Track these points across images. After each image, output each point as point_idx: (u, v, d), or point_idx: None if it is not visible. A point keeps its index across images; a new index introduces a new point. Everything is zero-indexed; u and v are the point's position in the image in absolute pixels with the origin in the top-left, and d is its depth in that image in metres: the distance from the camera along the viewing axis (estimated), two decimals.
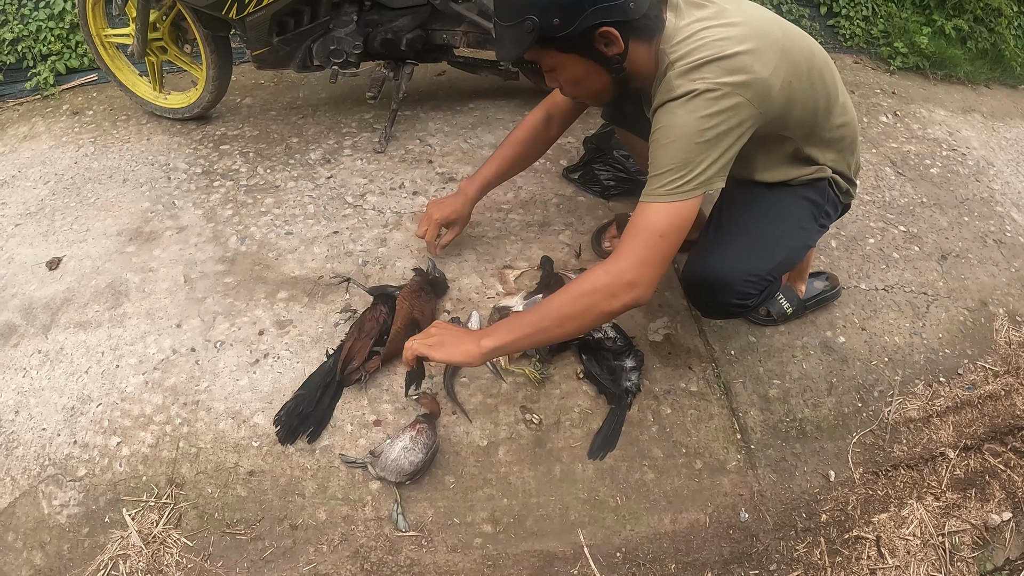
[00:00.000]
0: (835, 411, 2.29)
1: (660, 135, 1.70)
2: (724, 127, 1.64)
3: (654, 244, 1.70)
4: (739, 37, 1.65)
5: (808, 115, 1.84)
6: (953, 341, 2.55)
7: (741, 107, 1.64)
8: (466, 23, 2.90)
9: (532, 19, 1.64)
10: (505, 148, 2.37)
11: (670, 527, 2.01)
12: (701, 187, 1.68)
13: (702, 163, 1.66)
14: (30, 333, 2.35)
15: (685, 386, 2.26)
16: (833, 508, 2.12)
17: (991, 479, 2.26)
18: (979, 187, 3.28)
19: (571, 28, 1.64)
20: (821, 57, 1.85)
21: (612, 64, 1.74)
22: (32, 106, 3.55)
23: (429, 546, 1.92)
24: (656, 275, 1.73)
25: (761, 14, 1.80)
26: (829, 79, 1.87)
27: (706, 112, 1.63)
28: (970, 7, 4.50)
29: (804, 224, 2.03)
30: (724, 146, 1.66)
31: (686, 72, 1.65)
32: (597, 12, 1.62)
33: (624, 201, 2.84)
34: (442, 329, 1.89)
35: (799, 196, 2.01)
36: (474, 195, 2.41)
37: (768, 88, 1.66)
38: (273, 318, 2.36)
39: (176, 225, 2.72)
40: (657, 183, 1.70)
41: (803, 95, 1.78)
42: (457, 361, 1.84)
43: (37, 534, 1.93)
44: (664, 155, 1.69)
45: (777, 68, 1.67)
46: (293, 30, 2.78)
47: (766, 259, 1.96)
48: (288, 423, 2.09)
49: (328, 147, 3.12)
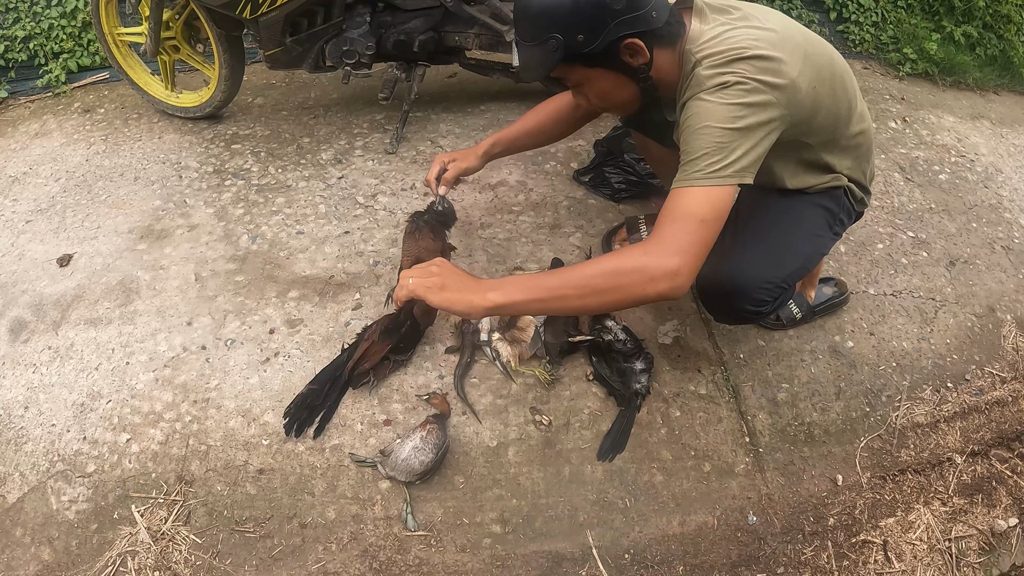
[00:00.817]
0: (843, 415, 2.29)
1: (692, 121, 1.64)
2: (755, 119, 1.61)
3: (696, 230, 1.59)
4: (766, 39, 1.65)
5: (830, 121, 1.84)
6: (961, 347, 2.55)
7: (771, 105, 1.62)
8: (478, 25, 2.90)
9: (556, 37, 1.65)
10: (529, 116, 2.34)
11: (678, 529, 2.01)
12: (737, 176, 1.61)
13: (737, 149, 1.59)
14: (40, 329, 2.36)
15: (694, 389, 2.26)
16: (841, 512, 2.12)
17: (998, 485, 2.26)
18: (987, 193, 3.28)
19: (596, 43, 1.64)
20: (841, 64, 1.85)
21: (639, 74, 1.75)
22: (44, 103, 3.56)
23: (438, 546, 1.92)
24: (698, 265, 1.61)
25: (784, 20, 1.79)
26: (850, 86, 1.87)
27: (738, 101, 1.60)
28: (979, 14, 4.50)
29: (819, 232, 2.03)
30: (756, 138, 1.61)
31: (716, 66, 1.63)
32: (620, 25, 1.63)
33: (634, 204, 2.85)
34: (444, 269, 1.75)
35: (815, 204, 2.01)
36: (486, 147, 2.34)
37: (796, 90, 1.65)
38: (284, 317, 2.36)
39: (187, 223, 2.73)
40: (693, 168, 1.61)
41: (827, 100, 1.77)
42: (456, 311, 1.70)
43: (45, 529, 1.94)
44: (697, 140, 1.62)
45: (803, 71, 1.66)
46: (306, 30, 2.79)
47: (782, 266, 1.96)
48: (297, 415, 2.11)
49: (340, 147, 3.13)
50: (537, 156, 3.07)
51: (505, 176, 2.96)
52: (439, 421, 2.00)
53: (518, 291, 1.67)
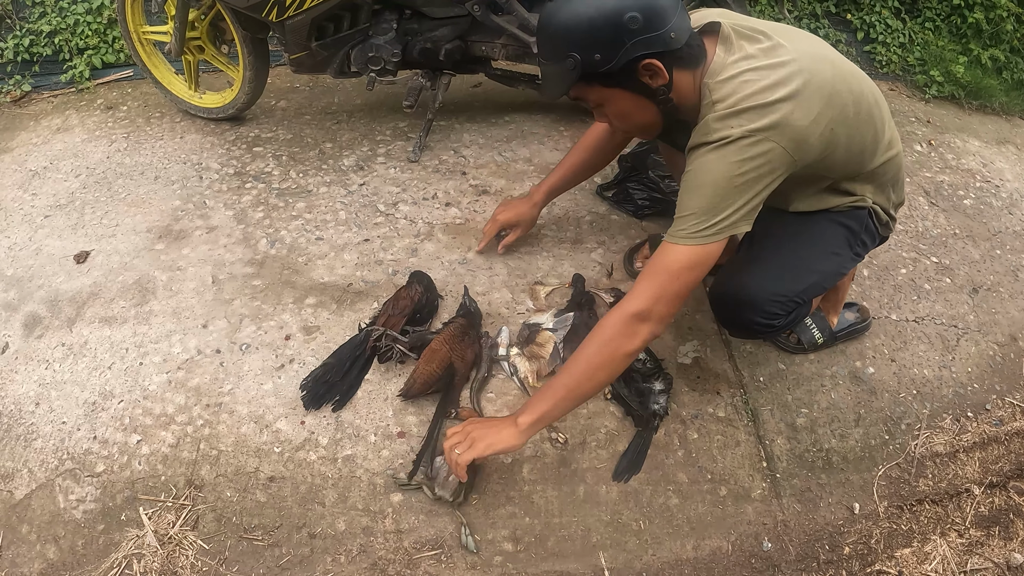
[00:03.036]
0: (862, 442, 2.25)
1: (689, 178, 1.71)
2: (755, 174, 1.64)
3: (668, 283, 1.72)
4: (785, 80, 1.63)
5: (851, 157, 1.82)
6: (982, 376, 2.51)
7: (774, 153, 1.63)
8: (506, 36, 2.89)
9: (574, 57, 1.65)
10: (572, 155, 2.43)
11: (692, 553, 1.99)
12: (724, 232, 1.68)
13: (727, 209, 1.66)
14: (55, 325, 2.36)
15: (713, 411, 2.23)
16: (856, 541, 2.09)
17: (1015, 517, 2.22)
18: (1012, 220, 3.24)
19: (613, 63, 1.64)
20: (870, 96, 1.82)
21: (658, 96, 1.73)
22: (66, 99, 3.57)
23: (448, 562, 1.90)
24: (669, 311, 1.75)
25: (815, 50, 1.76)
26: (878, 118, 1.84)
27: (737, 159, 1.62)
28: (1007, 37, 4.47)
29: (838, 250, 2.01)
30: (752, 192, 1.66)
31: (724, 117, 1.64)
32: (637, 45, 1.61)
33: (658, 221, 2.82)
34: (470, 425, 1.85)
35: (835, 221, 1.99)
36: (540, 199, 2.50)
37: (805, 137, 1.65)
38: (300, 323, 2.35)
39: (206, 225, 2.72)
40: (680, 225, 1.71)
41: (846, 139, 1.76)
42: (501, 449, 1.80)
43: (52, 528, 1.93)
44: (691, 199, 1.70)
45: (820, 115, 1.65)
46: (332, 35, 2.78)
47: (796, 281, 1.95)
48: (315, 390, 2.12)
49: (362, 154, 3.12)
50: None
51: (527, 188, 2.93)
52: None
53: (541, 404, 1.79)
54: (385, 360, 2.20)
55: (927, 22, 4.46)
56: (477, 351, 2.23)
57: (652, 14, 1.60)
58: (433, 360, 2.13)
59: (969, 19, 4.40)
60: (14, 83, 3.62)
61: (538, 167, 3.07)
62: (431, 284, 2.41)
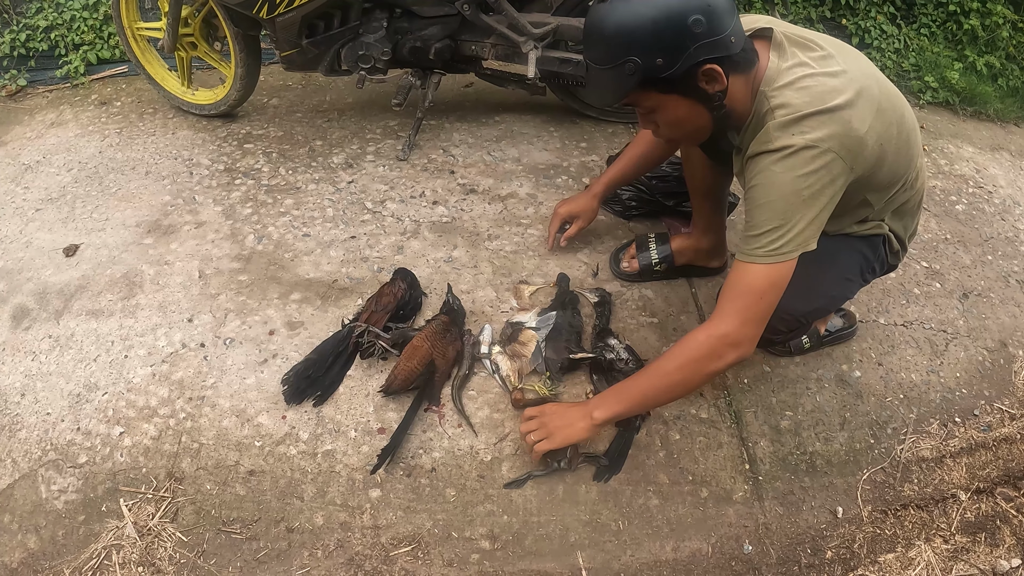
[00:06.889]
0: (847, 446, 2.25)
1: (756, 193, 1.68)
2: (819, 185, 1.61)
3: (754, 304, 1.71)
4: (841, 88, 1.61)
5: (890, 178, 1.81)
6: (971, 381, 2.50)
7: (835, 164, 1.60)
8: (496, 35, 2.89)
9: (634, 61, 1.57)
10: (632, 147, 2.40)
11: (671, 555, 1.98)
12: (799, 248, 1.67)
13: (799, 223, 1.64)
14: (42, 317, 2.37)
15: (695, 412, 2.22)
16: (839, 545, 2.08)
17: (1002, 524, 2.21)
18: (1004, 226, 3.23)
19: (675, 68, 1.57)
20: (911, 121, 1.81)
21: (713, 102, 1.68)
22: (61, 94, 3.59)
23: (425, 558, 1.90)
24: (758, 333, 1.74)
25: (863, 67, 1.74)
26: (915, 143, 1.83)
27: (804, 171, 1.60)
28: (1003, 44, 4.46)
29: (851, 276, 2.03)
30: (820, 204, 1.64)
31: (786, 125, 1.60)
32: (700, 49, 1.56)
33: (644, 222, 2.82)
34: (546, 415, 1.92)
35: (853, 248, 1.99)
36: (600, 191, 2.49)
37: (861, 147, 1.63)
38: (284, 319, 2.35)
39: (195, 220, 2.73)
40: (755, 243, 1.68)
41: (892, 157, 1.74)
42: (577, 440, 1.89)
43: (33, 517, 1.94)
44: (761, 214, 1.67)
45: (872, 126, 1.63)
46: (323, 33, 2.79)
47: (806, 302, 1.96)
48: (297, 384, 2.13)
49: (351, 152, 3.13)
50: (549, 169, 3.07)
51: (515, 188, 2.94)
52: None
53: (617, 402, 1.86)
54: (367, 356, 2.20)
55: (922, 28, 4.45)
56: (459, 348, 2.23)
57: (714, 17, 1.54)
58: (414, 357, 2.13)
59: (965, 26, 4.39)
60: (10, 77, 3.64)
61: (527, 167, 3.07)
62: (415, 281, 2.41)
